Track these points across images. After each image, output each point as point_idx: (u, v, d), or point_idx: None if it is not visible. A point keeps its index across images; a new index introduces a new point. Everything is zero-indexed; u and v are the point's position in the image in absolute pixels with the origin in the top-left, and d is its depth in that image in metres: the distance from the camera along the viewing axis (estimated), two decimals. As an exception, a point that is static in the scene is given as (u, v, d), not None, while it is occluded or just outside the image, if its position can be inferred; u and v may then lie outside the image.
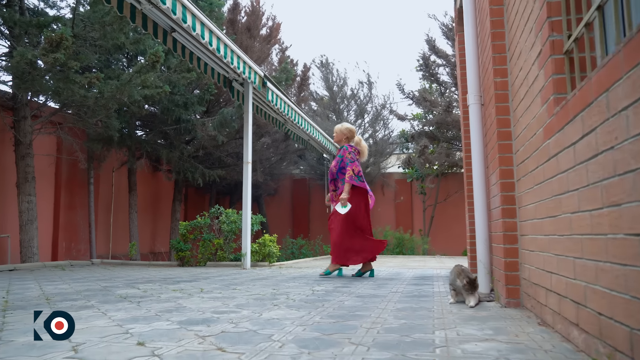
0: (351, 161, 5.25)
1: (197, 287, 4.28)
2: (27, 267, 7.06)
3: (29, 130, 7.94)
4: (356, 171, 5.23)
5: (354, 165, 5.24)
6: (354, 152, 5.36)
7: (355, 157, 5.31)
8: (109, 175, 10.80)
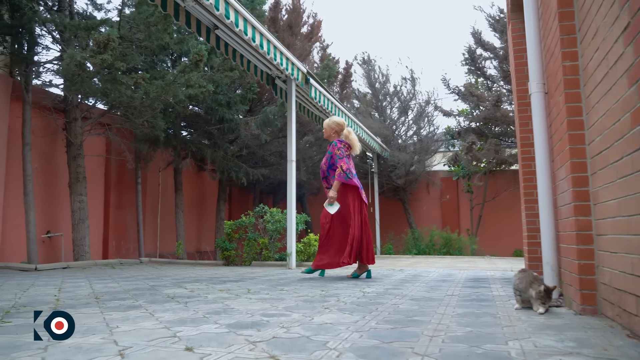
0: (340, 157, 4.97)
1: (244, 288, 4.19)
2: (79, 265, 7.22)
3: (79, 132, 8.13)
4: (345, 168, 4.95)
5: (343, 162, 4.96)
6: (344, 147, 5.06)
7: (345, 153, 5.02)
8: (156, 175, 10.98)
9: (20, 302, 3.25)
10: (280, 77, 7.47)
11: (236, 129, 10.28)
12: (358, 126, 10.27)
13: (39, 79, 8.31)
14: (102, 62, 6.20)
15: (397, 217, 14.85)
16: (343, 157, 4.98)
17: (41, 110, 7.98)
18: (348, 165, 4.98)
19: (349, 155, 5.10)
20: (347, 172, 4.95)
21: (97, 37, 6.11)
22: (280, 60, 6.51)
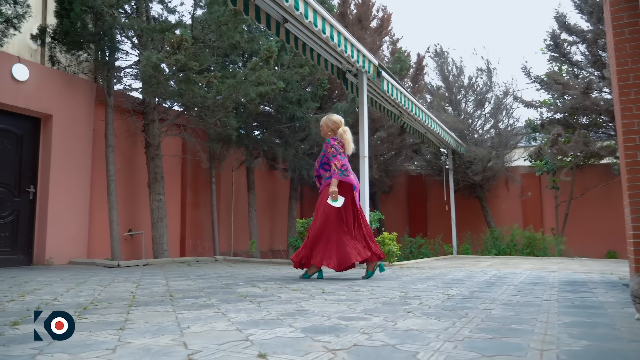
0: (333, 155, 4.85)
1: (318, 287, 4.01)
2: (158, 262, 7.41)
3: (157, 133, 8.39)
4: (339, 165, 4.81)
5: (337, 159, 4.82)
6: (337, 145, 4.89)
7: (338, 151, 4.85)
8: (229, 175, 11.17)
9: (98, 298, 3.27)
10: (351, 70, 7.25)
11: (307, 126, 10.20)
12: (432, 120, 9.82)
13: (120, 83, 8.67)
14: (176, 63, 6.30)
15: (474, 215, 14.14)
16: (337, 154, 4.85)
17: (122, 113, 8.32)
18: (342, 162, 4.84)
19: (343, 152, 4.91)
20: (342, 169, 4.82)
21: (170, 38, 6.21)
22: (351, 53, 6.29)
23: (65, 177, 7.30)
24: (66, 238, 7.22)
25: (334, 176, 4.80)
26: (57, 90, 7.32)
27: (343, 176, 4.81)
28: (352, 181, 4.86)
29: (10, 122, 6.96)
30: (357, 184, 4.97)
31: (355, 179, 4.95)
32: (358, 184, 4.99)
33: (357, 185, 4.95)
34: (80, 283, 4.38)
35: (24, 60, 6.91)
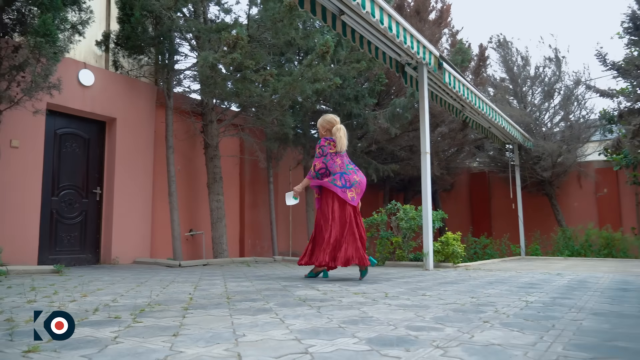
0: (317, 156, 4.90)
1: (381, 291, 3.78)
2: (218, 262, 7.44)
3: (215, 133, 8.45)
4: (317, 167, 4.85)
5: (318, 161, 4.87)
6: (326, 145, 4.87)
7: (326, 151, 4.85)
8: (287, 174, 11.12)
9: (156, 300, 3.20)
10: (411, 63, 6.94)
11: (364, 123, 9.96)
12: (497, 113, 9.29)
13: (180, 85, 8.81)
14: (232, 62, 6.27)
15: (542, 214, 13.32)
16: (321, 156, 4.87)
17: (182, 114, 8.44)
18: (323, 165, 4.84)
19: (333, 154, 4.86)
20: (320, 172, 4.85)
21: (226, 37, 6.18)
22: (411, 44, 5.99)
23: (129, 179, 7.48)
24: (130, 238, 7.40)
25: (308, 176, 4.96)
26: (121, 94, 7.52)
27: (315, 179, 4.87)
28: (325, 184, 4.80)
29: (78, 126, 7.22)
30: (342, 185, 4.78)
31: (344, 180, 4.79)
32: (350, 184, 4.81)
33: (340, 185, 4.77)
34: (141, 283, 4.39)
35: (89, 65, 7.14)
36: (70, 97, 6.83)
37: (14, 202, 6.10)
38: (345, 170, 4.85)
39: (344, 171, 4.84)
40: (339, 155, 4.88)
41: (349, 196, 4.77)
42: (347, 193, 4.77)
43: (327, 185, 4.79)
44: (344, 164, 4.88)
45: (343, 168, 4.85)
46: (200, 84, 8.12)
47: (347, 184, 4.79)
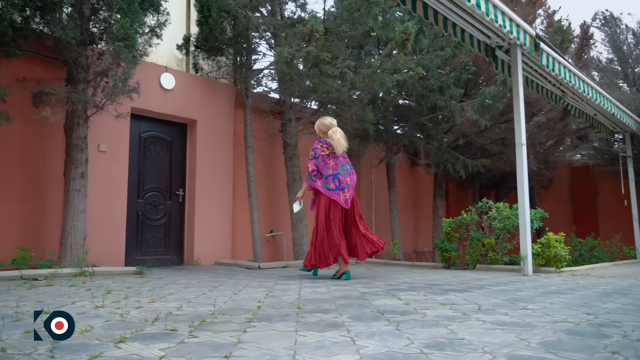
0: (310, 158, 5.09)
1: (472, 302, 3.28)
2: (297, 265, 7.23)
3: (294, 132, 8.28)
4: (310, 169, 5.05)
5: (311, 163, 5.06)
6: (318, 147, 5.05)
7: (317, 154, 5.02)
8: (368, 172, 10.72)
9: (222, 309, 2.98)
10: (502, 45, 6.25)
11: (450, 116, 9.29)
12: (605, 98, 8.21)
13: (259, 85, 8.76)
14: (307, 55, 6.02)
15: (662, 211, 11.70)
16: (313, 158, 5.04)
17: (260, 114, 8.37)
18: (315, 167, 5.01)
19: (327, 155, 5.02)
20: (312, 173, 5.02)
21: (301, 30, 5.94)
22: (502, 22, 5.35)
23: (210, 180, 7.51)
24: (212, 239, 7.42)
25: (304, 179, 5.16)
26: (200, 95, 7.57)
27: (310, 181, 5.05)
28: (317, 187, 5.00)
29: (161, 129, 7.36)
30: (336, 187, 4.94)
31: (337, 181, 4.94)
32: (342, 185, 4.96)
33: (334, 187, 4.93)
34: (215, 287, 4.24)
35: (170, 69, 7.26)
36: (153, 101, 6.97)
37: (102, 205, 6.30)
38: (339, 171, 5.01)
39: (337, 172, 5.00)
40: (333, 157, 5.05)
41: (342, 199, 4.94)
42: (340, 195, 4.95)
43: (320, 189, 4.99)
44: (338, 165, 5.04)
45: (337, 169, 5.01)
46: (278, 82, 7.98)
47: (341, 186, 4.97)
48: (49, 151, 6.02)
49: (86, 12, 5.81)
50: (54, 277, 4.70)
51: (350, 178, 5.09)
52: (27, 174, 5.88)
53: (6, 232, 5.59)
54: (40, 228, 5.90)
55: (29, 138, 5.90)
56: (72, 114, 5.71)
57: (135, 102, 6.68)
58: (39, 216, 5.92)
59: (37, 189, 5.94)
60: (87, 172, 5.75)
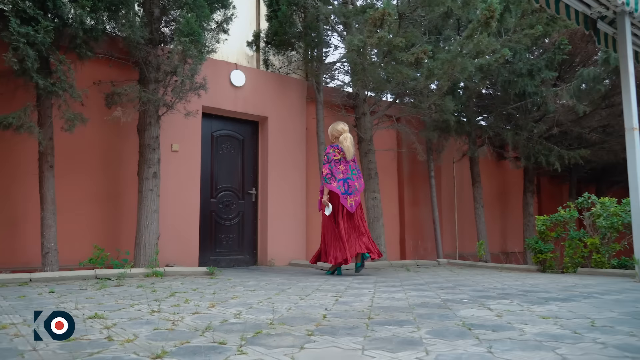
0: (323, 162, 5.45)
1: (581, 315, 2.70)
2: (374, 266, 6.82)
3: (368, 126, 7.87)
4: (324, 173, 5.35)
5: (325, 167, 5.38)
6: (331, 152, 5.40)
7: (331, 158, 5.35)
8: (450, 167, 10.03)
9: (283, 317, 2.66)
10: (605, 15, 5.42)
11: (542, 103, 8.40)
12: None
13: (331, 78, 8.44)
14: (379, 41, 5.58)
15: None
16: (326, 162, 5.37)
17: (332, 108, 8.05)
18: (329, 171, 5.33)
19: (338, 160, 5.36)
20: (326, 176, 5.32)
21: (372, 14, 5.52)
22: (607, -14, 4.59)
23: (282, 178, 7.30)
24: (285, 239, 7.21)
25: (322, 183, 5.42)
26: (271, 92, 7.40)
27: (326, 183, 5.32)
28: (334, 189, 5.28)
29: (233, 127, 7.28)
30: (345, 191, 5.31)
31: (347, 186, 5.33)
32: (351, 190, 5.35)
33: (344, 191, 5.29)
34: (282, 291, 3.95)
35: (240, 66, 7.14)
36: (224, 99, 6.88)
37: (176, 205, 6.30)
38: (349, 176, 5.40)
39: (347, 177, 5.38)
40: (344, 162, 5.42)
41: (348, 203, 5.32)
42: (347, 199, 5.32)
43: (335, 191, 5.28)
44: (348, 170, 5.42)
45: (347, 174, 5.39)
46: (349, 73, 7.62)
47: (349, 190, 5.36)
48: (124, 152, 6.10)
49: (156, 11, 5.80)
50: (123, 277, 4.67)
51: (359, 182, 5.47)
52: (105, 175, 6.00)
53: (86, 232, 5.72)
54: (117, 228, 5.99)
55: (106, 139, 6.02)
56: (144, 114, 5.73)
57: (206, 100, 6.63)
58: (116, 216, 6.01)
59: (114, 189, 6.04)
60: (159, 171, 5.74)
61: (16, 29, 4.22)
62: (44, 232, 4.99)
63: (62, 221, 5.47)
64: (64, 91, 4.70)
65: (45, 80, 4.53)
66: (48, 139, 5.07)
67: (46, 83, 4.55)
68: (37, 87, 4.64)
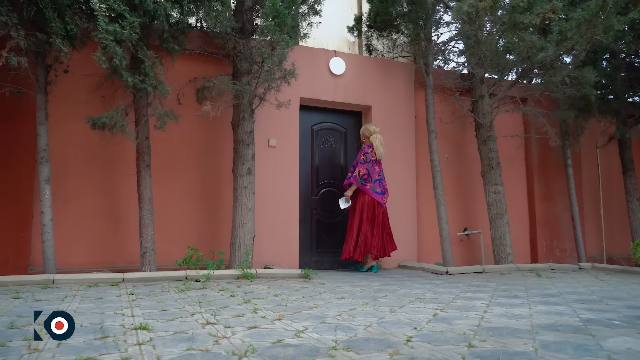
0: (362, 162, 5.66)
1: None
2: (497, 270, 5.87)
3: (487, 110, 6.86)
4: (362, 173, 5.61)
5: (363, 167, 5.62)
6: (369, 152, 5.65)
7: (369, 159, 5.62)
8: (592, 153, 8.45)
9: (354, 339, 2.08)
10: None
11: None
12: None
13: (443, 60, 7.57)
14: (493, 3, 4.68)
15: None
16: (365, 162, 5.64)
17: (444, 92, 7.17)
18: (366, 171, 5.62)
19: (374, 161, 5.65)
20: (363, 177, 5.62)
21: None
22: None
23: (389, 172, 6.64)
24: (395, 237, 6.53)
25: (353, 180, 5.68)
26: (375, 79, 6.79)
27: (360, 184, 5.61)
28: (368, 191, 5.61)
29: (334, 119, 6.81)
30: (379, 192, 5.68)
31: (382, 187, 5.72)
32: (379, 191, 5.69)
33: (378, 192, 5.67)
34: (374, 299, 3.35)
35: (340, 53, 6.65)
36: (322, 89, 6.44)
37: (275, 203, 5.99)
38: (382, 177, 5.77)
39: (381, 177, 5.74)
40: (378, 162, 5.73)
41: (383, 201, 5.72)
42: (383, 199, 5.71)
43: (370, 193, 5.64)
44: (381, 171, 5.76)
45: (381, 174, 5.75)
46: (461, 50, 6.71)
47: (384, 191, 5.78)
48: (221, 149, 5.94)
49: (247, 1, 5.55)
50: (207, 279, 4.42)
51: (385, 183, 5.88)
52: (202, 173, 5.90)
53: (184, 231, 5.65)
54: (215, 227, 5.85)
55: (203, 137, 5.92)
56: (237, 109, 5.50)
57: (304, 91, 6.25)
58: (215, 215, 5.88)
59: (211, 187, 5.91)
60: (254, 168, 5.47)
61: (104, 27, 4.18)
62: (142, 232, 4.97)
63: (161, 220, 5.46)
64: (154, 88, 4.59)
65: (133, 77, 4.47)
66: (144, 137, 5.05)
67: (135, 80, 4.48)
68: (128, 85, 4.60)
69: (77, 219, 5.31)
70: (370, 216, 5.67)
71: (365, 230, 5.65)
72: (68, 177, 5.32)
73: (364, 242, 5.63)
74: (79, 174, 5.38)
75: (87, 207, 5.37)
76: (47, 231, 4.58)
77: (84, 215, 5.34)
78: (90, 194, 5.41)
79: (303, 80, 6.27)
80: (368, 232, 5.65)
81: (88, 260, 5.29)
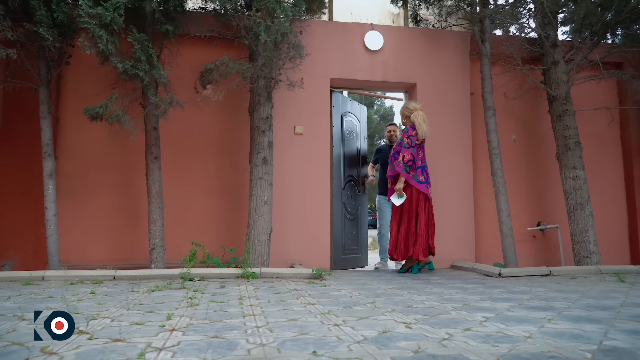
0: (406, 146, 4.80)
1: None
2: (569, 272, 4.73)
3: (563, 79, 5.64)
4: (406, 159, 4.77)
5: (407, 152, 4.77)
6: (414, 135, 4.81)
7: (413, 142, 4.78)
8: None
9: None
10: None
11: None
12: None
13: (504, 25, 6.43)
14: None
15: None
16: (410, 146, 4.79)
17: (507, 62, 6.04)
18: (410, 157, 4.76)
19: (418, 145, 4.83)
20: (408, 164, 4.77)
21: None
22: None
23: (442, 159, 5.75)
24: (448, 233, 5.62)
25: (397, 168, 4.80)
26: (421, 51, 5.93)
27: (404, 172, 4.77)
28: (409, 180, 4.77)
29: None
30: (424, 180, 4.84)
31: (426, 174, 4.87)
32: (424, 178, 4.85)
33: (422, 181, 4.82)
34: (396, 303, 2.64)
35: (377, 26, 5.89)
36: (357, 68, 5.74)
37: (301, 197, 5.41)
38: (425, 164, 4.92)
39: (424, 164, 4.91)
40: (422, 147, 4.90)
41: (429, 191, 4.90)
42: (428, 188, 4.88)
43: (413, 183, 4.79)
44: (424, 156, 4.95)
45: (424, 161, 4.93)
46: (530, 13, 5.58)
47: (428, 179, 4.91)
48: (245, 138, 5.51)
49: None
50: (201, 278, 3.97)
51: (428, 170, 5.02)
52: (222, 165, 5.51)
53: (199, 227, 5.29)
54: (233, 222, 5.40)
55: (224, 126, 5.54)
56: (253, 93, 5.04)
57: (335, 71, 5.64)
58: (233, 208, 5.43)
59: (231, 179, 5.48)
60: (271, 157, 4.95)
61: (87, 10, 3.95)
62: (150, 228, 4.71)
63: (177, 215, 5.17)
64: (145, 73, 4.28)
65: (123, 62, 4.19)
66: (152, 128, 4.79)
67: (126, 66, 4.20)
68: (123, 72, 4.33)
69: (97, 215, 5.21)
70: (413, 210, 4.85)
71: (405, 227, 4.87)
72: (88, 174, 5.24)
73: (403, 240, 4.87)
74: (98, 170, 5.28)
75: (106, 204, 5.25)
76: (50, 227, 4.48)
77: (103, 211, 5.23)
78: (111, 189, 5.28)
79: (334, 59, 5.67)
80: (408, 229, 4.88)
81: (106, 257, 5.16)
